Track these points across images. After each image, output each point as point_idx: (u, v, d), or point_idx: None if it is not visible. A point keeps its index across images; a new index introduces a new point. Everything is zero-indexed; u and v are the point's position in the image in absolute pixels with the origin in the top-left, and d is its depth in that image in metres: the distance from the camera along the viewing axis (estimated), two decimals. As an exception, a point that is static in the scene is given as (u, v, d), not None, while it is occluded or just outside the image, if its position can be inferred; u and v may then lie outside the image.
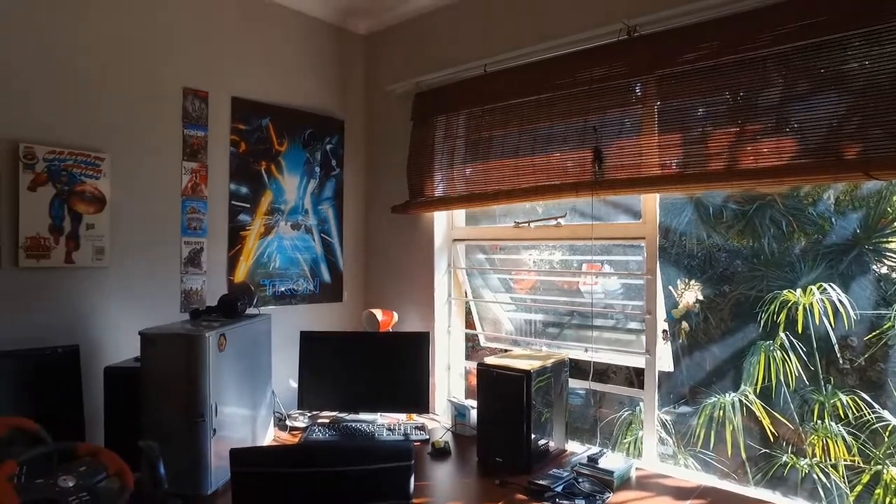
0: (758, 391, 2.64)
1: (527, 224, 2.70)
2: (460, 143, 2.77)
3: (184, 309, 2.50)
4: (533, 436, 2.06)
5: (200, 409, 1.79)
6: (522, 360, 2.20)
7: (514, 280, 3.11)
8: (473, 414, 2.46)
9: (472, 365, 3.02)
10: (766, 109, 1.87)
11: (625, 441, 2.90)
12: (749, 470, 2.63)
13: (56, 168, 2.17)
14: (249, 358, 2.13)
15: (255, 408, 2.17)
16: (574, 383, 2.47)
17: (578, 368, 2.56)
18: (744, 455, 2.63)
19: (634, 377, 3.22)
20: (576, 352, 2.53)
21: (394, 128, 3.08)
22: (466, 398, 2.87)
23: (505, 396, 2.09)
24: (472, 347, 3.19)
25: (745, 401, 2.66)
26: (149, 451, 1.64)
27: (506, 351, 2.76)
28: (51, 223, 2.16)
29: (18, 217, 2.09)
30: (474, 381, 3.29)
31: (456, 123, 2.79)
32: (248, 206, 2.75)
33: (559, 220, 2.57)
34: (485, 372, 2.15)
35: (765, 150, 1.86)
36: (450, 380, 2.99)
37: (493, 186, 2.61)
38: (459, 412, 2.52)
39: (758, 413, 2.61)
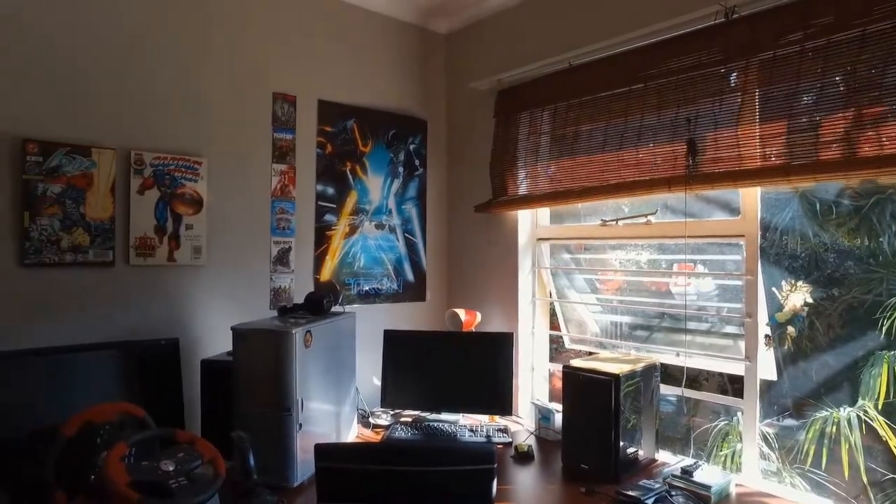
0: (880, 407, 2.36)
1: (615, 222, 2.59)
2: (545, 139, 2.70)
3: (273, 306, 2.60)
4: (621, 443, 1.96)
5: (287, 403, 1.84)
6: (610, 363, 2.10)
7: (599, 281, 2.99)
8: (558, 418, 2.38)
9: (556, 367, 2.94)
10: (892, 89, 1.68)
11: (720, 453, 2.71)
12: (873, 496, 2.35)
13: (160, 172, 2.31)
14: (334, 355, 2.17)
15: (339, 404, 2.21)
16: (665, 389, 2.33)
17: (668, 374, 2.42)
18: (864, 479, 2.37)
19: (728, 384, 3.00)
20: (666, 356, 2.39)
21: (476, 126, 3.06)
22: (550, 401, 2.79)
23: (592, 401, 2.01)
24: (556, 349, 3.10)
25: (864, 417, 2.40)
26: (240, 442, 1.71)
27: (591, 353, 2.66)
28: (156, 224, 2.30)
29: (129, 219, 2.24)
30: (558, 383, 3.20)
31: (540, 120, 2.72)
32: (334, 206, 2.81)
33: (649, 217, 2.45)
34: (571, 375, 2.08)
35: (890, 135, 1.67)
36: (533, 382, 2.92)
37: (579, 183, 2.52)
38: (543, 415, 2.45)
39: (881, 431, 2.34)
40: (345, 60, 2.88)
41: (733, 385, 3.00)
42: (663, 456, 2.22)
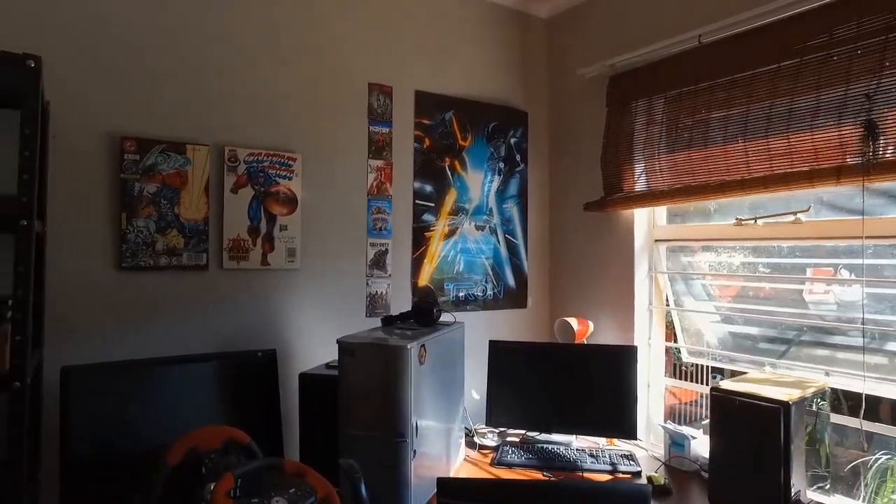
0: None
1: (752, 221, 2.24)
2: (668, 128, 2.39)
3: (369, 313, 2.41)
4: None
5: (401, 428, 1.62)
6: (768, 385, 1.78)
7: (715, 286, 2.64)
8: (694, 445, 2.08)
9: (673, 383, 2.62)
10: None
11: (892, 496, 2.30)
12: None
13: (254, 169, 2.17)
14: (445, 370, 1.95)
15: (449, 423, 1.99)
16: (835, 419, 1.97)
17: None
18: None
19: (843, 402, 2.58)
20: (814, 375, 2.03)
21: (583, 117, 2.78)
22: (665, 421, 2.48)
23: (750, 431, 1.69)
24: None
25: None
26: (350, 472, 1.51)
27: (736, 374, 2.33)
28: (249, 225, 2.16)
29: (223, 219, 2.10)
30: (672, 400, 2.87)
31: (661, 107, 2.42)
32: (433, 205, 2.60)
33: (799, 214, 2.10)
34: (723, 399, 1.77)
35: None
36: (649, 400, 2.61)
37: (714, 177, 2.20)
38: (676, 441, 2.15)
39: None
40: (441, 48, 2.67)
41: (848, 402, 2.57)
42: (818, 496, 1.87)
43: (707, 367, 2.48)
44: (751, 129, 2.10)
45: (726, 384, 1.83)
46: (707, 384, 2.41)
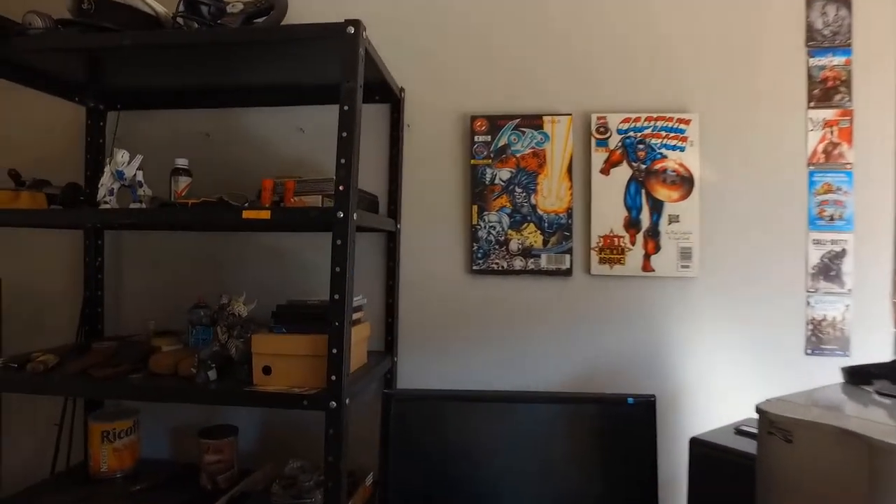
0: None
1: None
2: None
3: (812, 349, 1.55)
4: None
5: None
6: None
7: None
8: None
9: None
10: None
11: None
12: None
13: (631, 141, 1.60)
14: None
15: None
16: None
17: None
18: None
19: None
20: None
21: None
22: None
23: None
24: None
25: None
26: None
27: None
28: (626, 216, 1.61)
29: (591, 210, 1.61)
30: None
31: None
32: (935, 174, 1.55)
33: None
34: None
35: None
36: None
37: None
38: None
39: None
40: None
41: None
42: None
43: None
44: None
45: None
46: None
